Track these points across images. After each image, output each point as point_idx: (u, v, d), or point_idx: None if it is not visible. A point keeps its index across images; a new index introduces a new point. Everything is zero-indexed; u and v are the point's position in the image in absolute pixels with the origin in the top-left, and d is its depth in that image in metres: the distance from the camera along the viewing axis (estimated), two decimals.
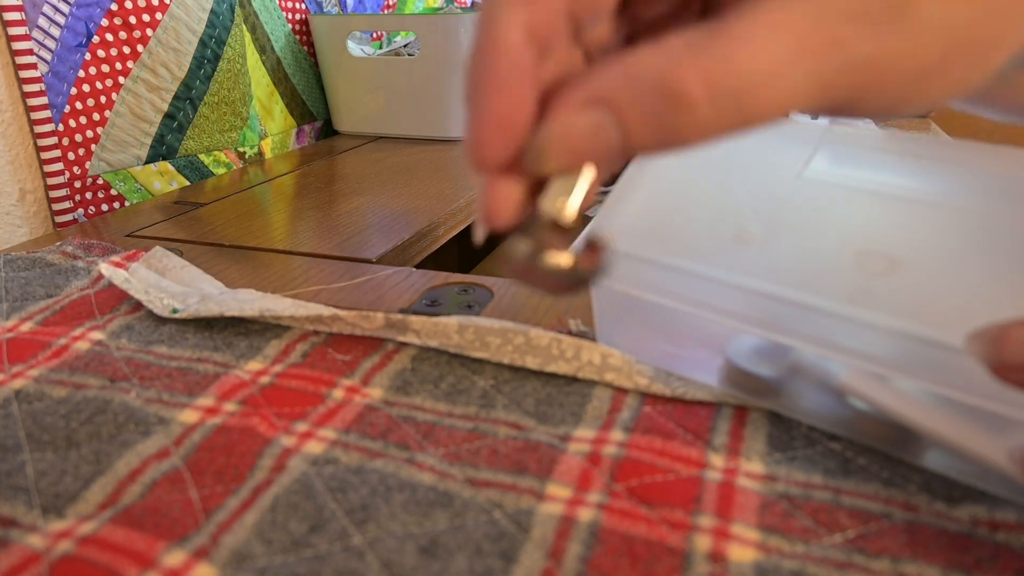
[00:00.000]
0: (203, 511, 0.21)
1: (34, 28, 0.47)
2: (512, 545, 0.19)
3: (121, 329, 0.31)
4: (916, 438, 0.22)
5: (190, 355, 0.29)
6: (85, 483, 0.22)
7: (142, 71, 0.54)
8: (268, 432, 0.24)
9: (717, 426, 0.24)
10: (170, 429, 0.24)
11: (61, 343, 0.30)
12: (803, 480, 0.21)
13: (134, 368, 0.28)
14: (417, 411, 0.25)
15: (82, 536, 0.20)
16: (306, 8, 0.74)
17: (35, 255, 0.39)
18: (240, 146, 0.64)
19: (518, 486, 0.21)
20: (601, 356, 0.26)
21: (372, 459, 0.23)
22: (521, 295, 0.34)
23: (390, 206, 0.51)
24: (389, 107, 0.74)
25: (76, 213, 0.51)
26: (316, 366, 0.28)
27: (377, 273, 0.37)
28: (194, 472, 0.22)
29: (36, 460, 0.23)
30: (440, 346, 0.28)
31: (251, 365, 0.28)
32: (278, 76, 0.70)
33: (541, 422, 0.24)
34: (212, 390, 0.26)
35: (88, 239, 0.42)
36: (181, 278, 0.35)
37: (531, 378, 0.27)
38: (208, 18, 0.58)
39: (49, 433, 0.24)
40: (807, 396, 0.24)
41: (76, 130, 0.50)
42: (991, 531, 0.19)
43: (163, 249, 0.37)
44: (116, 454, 0.23)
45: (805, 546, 0.19)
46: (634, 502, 0.21)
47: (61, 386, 0.27)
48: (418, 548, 0.19)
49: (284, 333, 0.30)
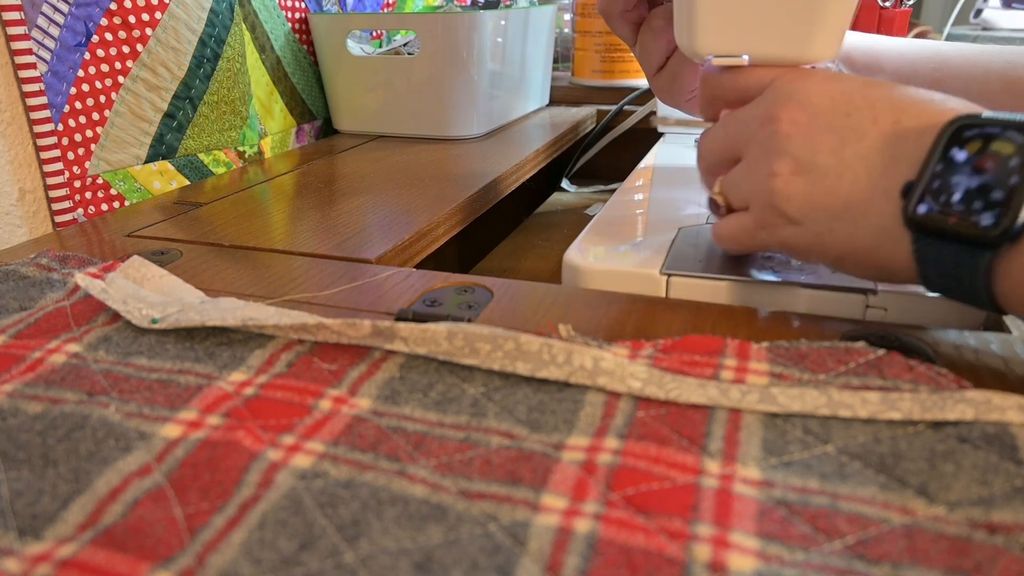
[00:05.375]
0: (188, 530, 0.20)
1: (33, 28, 0.46)
2: (509, 559, 0.19)
3: (98, 341, 0.30)
4: None
5: (171, 367, 0.28)
6: (63, 503, 0.21)
7: (141, 70, 0.53)
8: (254, 446, 0.23)
9: (712, 431, 0.23)
10: (152, 444, 0.24)
11: (36, 356, 0.29)
12: (800, 485, 0.21)
13: (113, 381, 0.27)
14: (407, 421, 0.25)
15: (61, 559, 0.19)
16: (306, 7, 0.73)
17: (7, 268, 0.38)
18: (240, 145, 0.63)
19: (513, 497, 0.21)
20: (593, 360, 0.26)
21: (362, 472, 0.22)
22: (521, 295, 0.34)
23: (390, 206, 0.50)
24: (389, 106, 0.73)
25: (76, 213, 0.50)
26: (302, 376, 0.27)
27: (377, 275, 0.37)
28: (178, 489, 0.22)
29: (11, 480, 0.22)
30: (429, 353, 0.28)
31: (234, 376, 0.27)
32: (278, 75, 0.70)
33: (534, 430, 0.24)
34: (195, 403, 0.26)
35: (65, 251, 0.41)
36: (160, 287, 0.34)
37: (522, 385, 0.26)
38: (207, 17, 0.58)
39: (25, 451, 0.23)
40: None
41: (76, 129, 0.50)
42: (989, 534, 0.19)
43: (141, 258, 0.36)
44: (96, 472, 0.22)
45: (805, 553, 0.19)
46: (631, 511, 0.20)
47: (36, 401, 0.26)
48: (412, 564, 0.19)
49: (268, 342, 0.30)
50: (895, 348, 0.27)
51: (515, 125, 0.80)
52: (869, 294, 0.35)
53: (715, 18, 0.34)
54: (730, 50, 0.34)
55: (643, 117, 0.80)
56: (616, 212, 0.49)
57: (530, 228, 0.71)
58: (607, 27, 0.89)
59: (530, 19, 0.80)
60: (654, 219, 0.48)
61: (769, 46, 0.33)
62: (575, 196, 0.85)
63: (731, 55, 0.34)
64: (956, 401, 0.24)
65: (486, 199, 0.56)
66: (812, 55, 0.33)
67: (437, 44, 0.68)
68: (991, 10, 1.56)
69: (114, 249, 0.43)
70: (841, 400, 0.24)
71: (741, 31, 0.33)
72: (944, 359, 0.28)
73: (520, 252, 0.63)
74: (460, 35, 0.68)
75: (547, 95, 0.91)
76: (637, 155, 0.68)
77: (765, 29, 0.33)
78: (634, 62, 0.90)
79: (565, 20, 1.11)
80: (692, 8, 0.34)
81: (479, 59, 0.70)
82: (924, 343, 0.29)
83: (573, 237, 0.44)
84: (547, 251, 0.64)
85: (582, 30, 0.92)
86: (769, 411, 0.24)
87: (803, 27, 0.32)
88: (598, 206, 0.76)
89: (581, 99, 0.93)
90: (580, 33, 0.92)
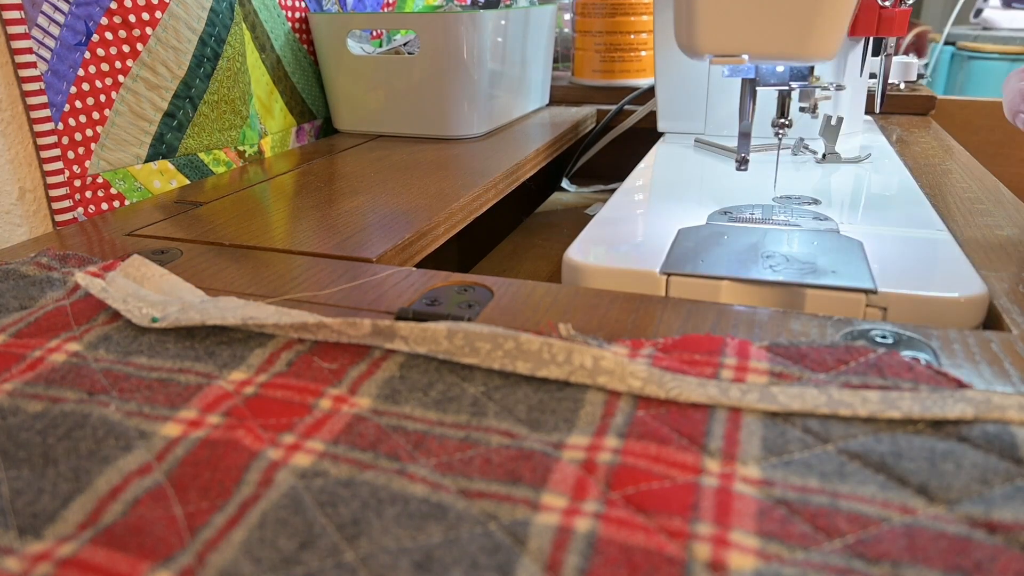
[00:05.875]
0: (188, 529, 0.20)
1: (33, 27, 0.46)
2: (509, 558, 0.19)
3: (99, 340, 0.30)
4: None
5: (171, 366, 0.28)
6: (64, 502, 0.21)
7: (142, 70, 0.53)
8: (254, 445, 0.23)
9: (712, 430, 0.23)
10: (152, 443, 0.24)
11: (36, 355, 0.29)
12: (799, 484, 0.21)
13: (113, 380, 0.27)
14: (407, 420, 0.25)
15: (61, 558, 0.19)
16: (306, 6, 0.74)
17: (8, 267, 0.38)
18: (240, 145, 0.63)
19: (513, 496, 0.21)
20: (593, 359, 0.26)
21: (362, 471, 0.22)
22: (521, 295, 0.34)
23: (390, 205, 0.50)
24: (389, 105, 0.73)
25: (76, 212, 0.50)
26: (302, 375, 0.27)
27: (377, 274, 0.37)
28: (178, 488, 0.22)
29: (12, 479, 0.22)
30: (429, 352, 0.28)
31: (235, 375, 0.27)
32: (278, 74, 0.70)
33: (534, 429, 0.24)
34: (195, 402, 0.26)
35: (65, 250, 0.41)
36: (160, 287, 0.34)
37: (522, 384, 0.26)
38: (208, 16, 0.58)
39: (25, 450, 0.23)
40: None
41: (76, 129, 0.50)
42: (989, 533, 0.19)
43: (141, 257, 0.36)
44: (96, 471, 0.22)
45: (805, 553, 0.19)
46: (631, 510, 0.20)
47: (36, 400, 0.26)
48: (412, 563, 0.19)
49: (268, 341, 0.30)
50: (895, 347, 0.28)
51: (515, 125, 0.80)
52: (869, 294, 0.35)
53: (715, 18, 0.34)
54: (730, 50, 0.34)
55: (643, 117, 0.80)
56: (616, 212, 0.49)
57: (530, 228, 0.71)
58: (607, 27, 0.89)
59: (530, 19, 0.80)
60: (654, 219, 0.48)
61: (768, 46, 0.33)
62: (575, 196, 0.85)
63: (731, 55, 0.34)
64: (956, 400, 0.24)
65: (486, 199, 0.56)
66: (811, 55, 0.33)
67: (437, 44, 0.68)
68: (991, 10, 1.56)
69: (114, 248, 0.43)
70: (841, 399, 0.24)
71: (740, 31, 0.34)
72: (944, 359, 0.28)
73: (520, 252, 0.63)
74: (460, 35, 0.68)
75: (547, 95, 0.91)
76: (637, 155, 0.68)
77: (764, 29, 0.33)
78: (634, 62, 0.90)
79: (565, 20, 1.11)
80: (692, 8, 0.34)
81: (479, 59, 0.70)
82: (924, 342, 0.29)
83: (573, 237, 0.44)
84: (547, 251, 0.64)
85: (582, 30, 0.92)
86: (769, 410, 0.24)
87: (802, 27, 0.32)
88: (598, 206, 0.76)
89: (581, 99, 0.93)
90: (580, 33, 0.92)
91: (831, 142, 0.61)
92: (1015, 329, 0.32)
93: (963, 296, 0.34)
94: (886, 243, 0.41)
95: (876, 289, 0.35)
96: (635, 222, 0.47)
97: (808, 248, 0.41)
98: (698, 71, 0.70)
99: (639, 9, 0.88)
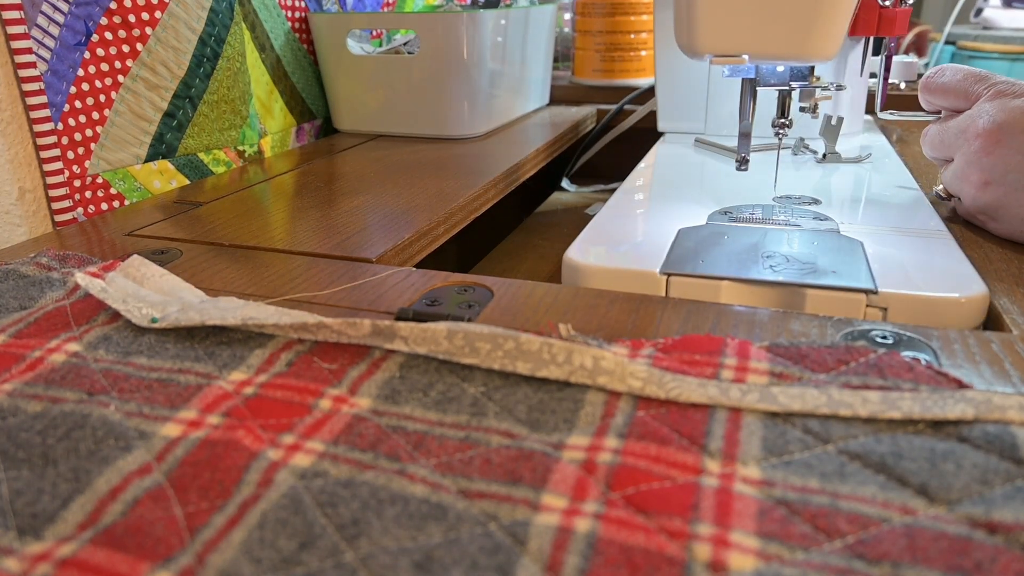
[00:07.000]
0: (188, 529, 0.20)
1: (33, 27, 0.46)
2: (509, 558, 0.19)
3: (98, 340, 0.30)
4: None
5: (171, 366, 0.28)
6: (63, 502, 0.21)
7: (141, 70, 0.53)
8: (254, 445, 0.23)
9: (712, 430, 0.23)
10: (151, 444, 0.24)
11: (36, 356, 0.29)
12: (800, 485, 0.21)
13: (113, 380, 0.27)
14: (407, 420, 0.25)
15: (61, 558, 0.19)
16: (306, 6, 0.74)
17: (7, 267, 0.38)
18: (240, 144, 0.63)
19: (513, 496, 0.21)
20: (593, 359, 0.26)
21: (362, 471, 0.22)
22: (521, 295, 0.34)
23: (390, 205, 0.50)
24: (389, 105, 0.73)
25: (75, 212, 0.51)
26: (302, 375, 0.27)
27: (377, 274, 0.37)
28: (178, 488, 0.22)
29: (11, 479, 0.22)
30: (429, 353, 0.28)
31: (234, 375, 0.27)
32: (278, 74, 0.70)
33: (534, 430, 0.24)
34: (195, 402, 0.26)
35: (65, 250, 0.41)
36: (160, 287, 0.34)
37: (522, 384, 0.26)
38: (207, 16, 0.58)
39: (24, 450, 0.23)
40: None
41: (75, 129, 0.50)
42: (989, 533, 0.19)
43: (141, 257, 0.36)
44: (95, 471, 0.22)
45: (805, 553, 0.19)
46: (631, 511, 0.20)
47: (36, 400, 0.26)
48: (412, 564, 0.19)
49: (268, 342, 0.30)
50: (895, 347, 0.27)
51: (515, 124, 0.80)
52: (869, 294, 0.35)
53: (715, 18, 0.34)
54: (730, 50, 0.34)
55: (643, 117, 0.80)
56: (616, 212, 0.49)
57: (530, 228, 0.71)
58: (607, 26, 0.89)
59: (530, 18, 0.80)
60: (654, 219, 0.48)
61: (769, 46, 0.33)
62: (575, 196, 0.85)
63: (731, 55, 0.34)
64: (956, 401, 0.24)
65: (486, 199, 0.56)
66: (811, 55, 0.33)
67: (437, 44, 0.68)
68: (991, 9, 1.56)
69: (114, 248, 0.43)
70: (841, 399, 0.24)
71: (741, 31, 0.33)
72: (944, 359, 0.28)
73: (520, 252, 0.63)
74: (460, 35, 0.68)
75: (547, 94, 0.91)
76: (637, 155, 0.68)
77: (764, 29, 0.33)
78: (634, 62, 0.90)
79: (565, 19, 1.11)
80: (692, 8, 0.34)
81: (479, 59, 0.70)
82: (924, 343, 0.29)
83: (573, 237, 0.44)
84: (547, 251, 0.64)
85: (582, 29, 0.92)
86: (769, 410, 0.24)
87: (802, 27, 0.32)
88: (598, 206, 0.76)
89: (581, 98, 0.93)
90: (580, 32, 0.92)
91: (831, 142, 0.61)
92: (1015, 329, 0.32)
93: (963, 296, 0.34)
94: (886, 243, 0.41)
95: (876, 289, 0.35)
96: (635, 222, 0.47)
97: (808, 248, 0.41)
98: (698, 71, 0.70)
99: (639, 9, 0.88)
